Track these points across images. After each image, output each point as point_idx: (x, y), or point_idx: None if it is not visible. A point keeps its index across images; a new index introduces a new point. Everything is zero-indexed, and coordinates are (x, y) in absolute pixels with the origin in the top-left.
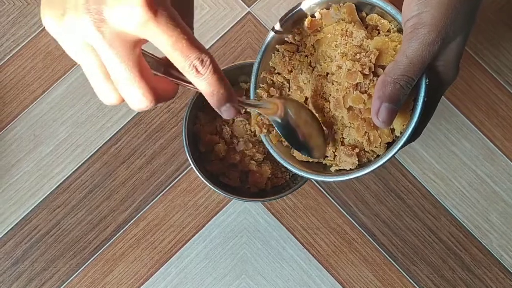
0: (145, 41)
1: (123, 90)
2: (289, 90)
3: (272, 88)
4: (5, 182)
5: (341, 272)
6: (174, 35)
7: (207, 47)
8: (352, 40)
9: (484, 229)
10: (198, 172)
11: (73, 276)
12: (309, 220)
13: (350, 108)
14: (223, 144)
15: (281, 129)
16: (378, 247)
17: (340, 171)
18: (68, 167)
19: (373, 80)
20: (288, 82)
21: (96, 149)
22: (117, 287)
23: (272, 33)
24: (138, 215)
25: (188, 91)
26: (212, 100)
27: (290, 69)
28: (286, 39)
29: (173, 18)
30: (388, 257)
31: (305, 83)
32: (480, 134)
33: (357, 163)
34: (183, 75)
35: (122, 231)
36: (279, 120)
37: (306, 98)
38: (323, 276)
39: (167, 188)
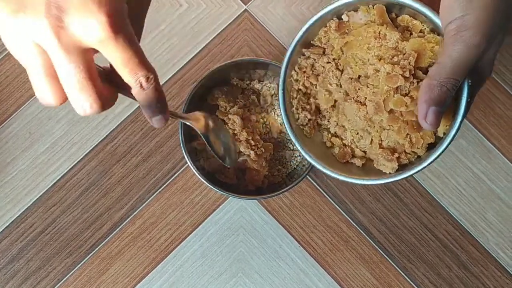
0: (97, 50)
1: (74, 95)
2: (316, 94)
3: (300, 95)
4: (0, 180)
5: (337, 270)
6: (128, 54)
7: (203, 45)
8: (387, 42)
9: (481, 227)
10: (195, 169)
11: (68, 275)
12: (305, 218)
13: (390, 111)
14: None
15: (205, 139)
16: (375, 245)
17: (382, 173)
18: (64, 165)
19: (413, 83)
20: (315, 86)
21: (92, 147)
22: (113, 286)
23: (298, 36)
24: (134, 213)
25: (185, 90)
26: (147, 110)
27: (317, 73)
28: (312, 42)
29: (130, 39)
30: (385, 255)
31: (333, 87)
32: (477, 132)
33: (397, 167)
34: (124, 86)
35: (118, 229)
36: (203, 132)
37: (335, 101)
38: (319, 274)
39: (163, 186)
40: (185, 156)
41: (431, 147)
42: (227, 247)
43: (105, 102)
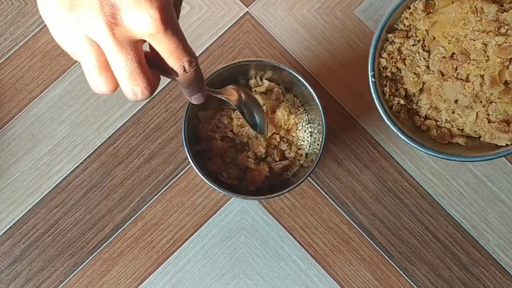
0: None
1: (127, 83)
2: (401, 79)
3: (388, 81)
4: (3, 182)
5: (339, 271)
6: (175, 44)
7: (205, 47)
8: (486, 15)
9: (482, 229)
10: (197, 169)
11: (71, 276)
12: (307, 219)
13: (504, 83)
14: (221, 142)
15: (239, 110)
16: (376, 246)
17: (489, 148)
18: (66, 167)
19: None
20: (400, 71)
21: (94, 148)
22: (115, 287)
23: (383, 22)
24: (136, 214)
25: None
26: (187, 89)
27: (403, 57)
28: (395, 26)
29: (177, 30)
30: (386, 256)
31: (421, 69)
32: None
33: None
34: (168, 69)
35: (120, 230)
36: (236, 104)
37: (423, 83)
38: (321, 275)
39: (165, 188)
40: (188, 156)
41: None
42: (229, 249)
43: (154, 87)
